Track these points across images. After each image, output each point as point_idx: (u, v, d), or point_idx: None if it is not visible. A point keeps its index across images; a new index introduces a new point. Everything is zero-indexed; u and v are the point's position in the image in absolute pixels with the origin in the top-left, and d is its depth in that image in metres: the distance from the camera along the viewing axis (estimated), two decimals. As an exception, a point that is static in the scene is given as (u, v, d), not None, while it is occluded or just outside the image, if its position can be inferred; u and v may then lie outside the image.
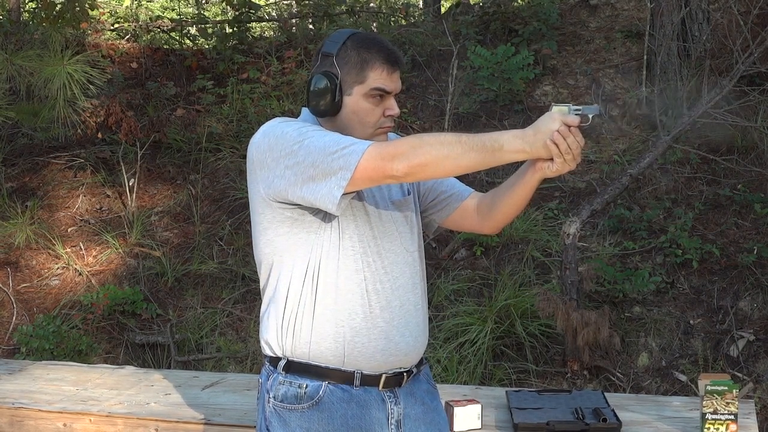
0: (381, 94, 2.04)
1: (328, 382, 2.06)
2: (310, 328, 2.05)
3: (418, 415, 2.17)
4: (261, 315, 2.16)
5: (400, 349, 2.11)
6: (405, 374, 2.15)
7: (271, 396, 2.09)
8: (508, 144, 1.88)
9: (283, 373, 2.08)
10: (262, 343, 2.15)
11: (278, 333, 2.09)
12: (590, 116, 1.93)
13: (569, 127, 1.88)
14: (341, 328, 2.05)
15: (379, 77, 2.03)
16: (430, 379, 2.29)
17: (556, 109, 1.92)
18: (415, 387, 2.19)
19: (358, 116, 2.05)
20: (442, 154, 1.88)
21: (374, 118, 2.06)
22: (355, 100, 2.04)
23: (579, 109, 1.94)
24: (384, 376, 2.10)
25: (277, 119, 2.05)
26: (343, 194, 1.92)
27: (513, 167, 2.06)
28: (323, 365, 2.05)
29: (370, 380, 2.08)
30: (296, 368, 2.07)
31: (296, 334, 2.06)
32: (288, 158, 1.96)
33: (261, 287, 2.16)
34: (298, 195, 1.97)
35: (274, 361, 2.11)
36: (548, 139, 1.87)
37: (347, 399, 2.06)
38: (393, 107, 2.07)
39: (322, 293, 2.04)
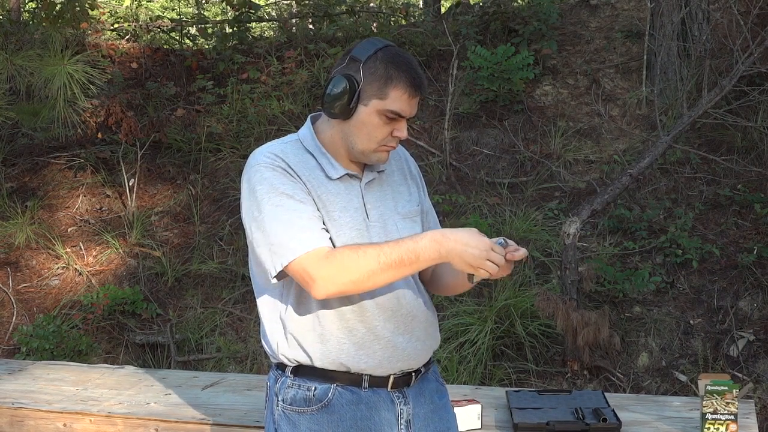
0: (396, 117, 2.04)
1: (337, 385, 2.06)
2: (312, 340, 2.05)
3: (427, 414, 2.18)
4: (261, 321, 2.15)
5: (408, 354, 2.11)
6: (413, 374, 2.15)
7: (279, 399, 2.09)
8: (424, 253, 1.95)
9: (291, 376, 2.08)
10: (266, 348, 2.15)
11: (280, 344, 2.09)
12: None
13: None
14: (344, 345, 2.05)
15: (399, 99, 2.01)
16: (438, 377, 2.29)
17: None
18: (423, 386, 2.19)
19: (367, 129, 2.03)
20: (361, 278, 1.95)
21: (382, 135, 2.05)
22: (368, 112, 2.02)
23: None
24: (392, 377, 2.10)
25: (261, 162, 2.04)
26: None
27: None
28: (330, 369, 2.06)
29: (378, 382, 2.09)
30: (304, 372, 2.07)
31: (300, 345, 2.06)
32: (250, 220, 2.04)
33: (256, 291, 2.15)
34: (253, 249, 2.05)
35: (281, 365, 2.11)
36: (484, 260, 1.92)
37: (356, 401, 2.07)
38: (402, 130, 2.06)
39: (322, 304, 2.04)
